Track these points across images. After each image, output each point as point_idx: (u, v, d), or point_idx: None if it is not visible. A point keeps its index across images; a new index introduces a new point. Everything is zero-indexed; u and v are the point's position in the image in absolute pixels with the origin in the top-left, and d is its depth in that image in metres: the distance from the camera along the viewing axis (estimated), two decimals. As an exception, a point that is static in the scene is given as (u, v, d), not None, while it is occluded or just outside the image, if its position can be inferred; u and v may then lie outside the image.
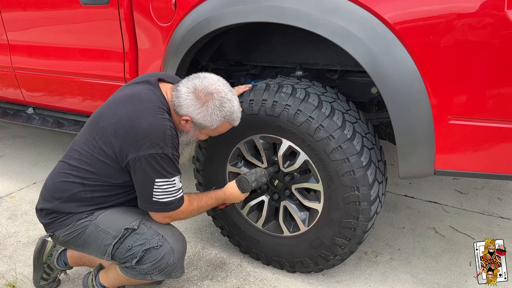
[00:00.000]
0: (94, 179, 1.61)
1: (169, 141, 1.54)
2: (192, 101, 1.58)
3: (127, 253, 1.61)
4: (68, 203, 1.63)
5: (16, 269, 2.12)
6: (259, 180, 1.84)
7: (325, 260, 1.91)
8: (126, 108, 1.58)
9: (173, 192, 1.59)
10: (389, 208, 2.68)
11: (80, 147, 1.64)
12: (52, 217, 1.65)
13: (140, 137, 1.51)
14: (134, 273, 1.64)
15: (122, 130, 1.54)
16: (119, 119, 1.56)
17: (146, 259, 1.61)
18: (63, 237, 1.66)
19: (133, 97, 1.61)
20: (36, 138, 4.03)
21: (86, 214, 1.64)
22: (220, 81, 1.63)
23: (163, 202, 1.58)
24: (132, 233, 1.61)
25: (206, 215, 2.22)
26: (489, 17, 1.36)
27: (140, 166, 1.53)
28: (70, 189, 1.62)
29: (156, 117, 1.55)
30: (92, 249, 1.67)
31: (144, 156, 1.51)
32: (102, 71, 2.37)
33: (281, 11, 1.65)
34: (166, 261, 1.61)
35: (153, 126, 1.52)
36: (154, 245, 1.60)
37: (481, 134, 1.50)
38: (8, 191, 3.00)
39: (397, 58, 1.49)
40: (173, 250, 1.62)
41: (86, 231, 1.63)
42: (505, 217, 2.56)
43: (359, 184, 1.69)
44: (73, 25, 2.36)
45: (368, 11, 1.51)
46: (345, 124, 1.70)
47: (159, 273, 1.63)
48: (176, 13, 1.94)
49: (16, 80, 2.81)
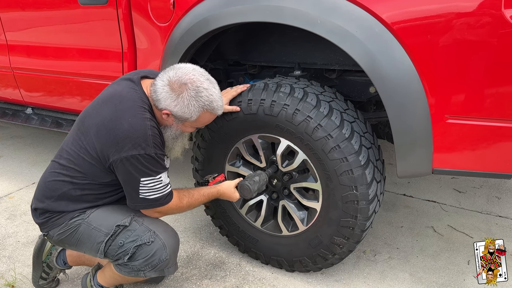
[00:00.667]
0: (82, 177, 1.62)
1: (151, 141, 1.53)
2: (168, 94, 1.55)
3: (119, 250, 1.61)
4: (59, 202, 1.64)
5: (15, 269, 2.13)
6: (261, 188, 1.86)
7: (323, 259, 1.92)
8: (108, 108, 1.57)
9: (160, 189, 1.59)
10: (387, 207, 2.68)
11: (68, 146, 1.65)
12: (46, 217, 1.67)
13: (121, 139, 1.50)
14: (128, 270, 1.64)
15: (104, 131, 1.54)
16: (101, 119, 1.56)
17: (138, 256, 1.61)
18: (57, 236, 1.67)
19: (114, 96, 1.60)
20: (35, 138, 4.03)
21: (78, 212, 1.65)
22: (195, 71, 1.57)
23: (151, 198, 1.59)
24: (123, 230, 1.62)
25: (205, 214, 2.22)
26: (486, 17, 1.36)
27: (123, 167, 1.53)
28: (60, 187, 1.63)
29: (137, 117, 1.53)
30: (85, 247, 1.67)
31: (126, 157, 1.51)
32: (100, 71, 2.37)
33: (279, 11, 1.65)
34: (158, 257, 1.62)
35: (133, 127, 1.51)
36: (146, 241, 1.60)
37: (478, 133, 1.50)
38: (7, 191, 3.00)
39: (395, 57, 1.49)
40: (165, 246, 1.62)
41: (79, 229, 1.64)
42: (503, 216, 2.56)
43: (358, 183, 1.70)
44: (72, 25, 2.36)
45: (366, 11, 1.51)
46: (343, 124, 1.70)
47: (151, 270, 1.63)
48: (175, 13, 1.94)
49: (15, 80, 2.81)
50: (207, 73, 1.62)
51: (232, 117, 1.88)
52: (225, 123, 1.91)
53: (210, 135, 1.98)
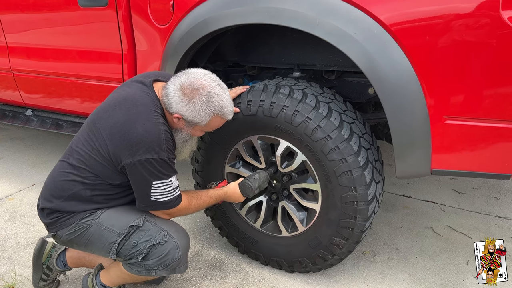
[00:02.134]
0: (94, 178, 1.63)
1: (164, 145, 1.55)
2: (179, 98, 1.57)
3: (133, 250, 1.63)
4: (69, 202, 1.64)
5: (15, 271, 2.13)
6: (262, 186, 1.89)
7: (323, 260, 1.92)
8: (121, 111, 1.59)
9: (171, 192, 1.61)
10: (387, 208, 2.69)
11: (79, 147, 1.66)
12: (54, 217, 1.67)
13: (135, 142, 1.52)
14: (139, 269, 1.65)
15: (117, 135, 1.56)
16: (114, 123, 1.58)
17: (152, 255, 1.63)
18: (66, 237, 1.68)
19: (127, 99, 1.61)
20: (35, 140, 4.03)
21: (89, 213, 1.65)
22: (207, 76, 1.61)
23: (161, 201, 1.61)
24: (137, 230, 1.63)
25: (205, 215, 2.23)
26: (484, 18, 1.37)
27: (137, 170, 1.55)
28: (71, 188, 1.64)
29: (151, 121, 1.56)
30: (95, 247, 1.68)
31: (139, 161, 1.53)
32: (100, 73, 2.38)
33: (278, 13, 1.66)
34: (172, 257, 1.64)
35: (148, 131, 1.53)
36: (160, 241, 1.62)
37: (477, 133, 1.51)
38: (7, 192, 3.01)
39: (393, 58, 1.50)
40: (178, 246, 1.65)
41: (90, 230, 1.65)
42: (502, 217, 2.57)
43: (357, 184, 1.70)
44: (71, 27, 2.36)
45: (364, 12, 1.52)
46: (342, 125, 1.71)
47: (164, 269, 1.65)
48: (174, 14, 1.95)
49: (15, 82, 2.81)
50: (218, 78, 1.65)
51: (232, 119, 1.88)
52: (224, 124, 1.91)
53: (209, 136, 1.99)
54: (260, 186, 1.87)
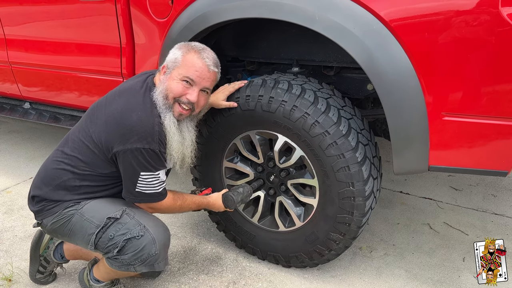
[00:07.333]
0: (83, 167, 1.65)
1: (157, 137, 1.57)
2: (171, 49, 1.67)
3: (109, 243, 1.62)
4: (57, 191, 1.66)
5: (12, 263, 2.13)
6: (244, 200, 1.90)
7: (320, 255, 1.93)
8: (120, 100, 1.63)
9: (156, 185, 1.63)
10: (384, 204, 2.69)
11: (74, 134, 1.69)
12: (41, 205, 1.69)
13: (128, 130, 1.55)
14: (118, 264, 1.65)
15: (113, 121, 1.58)
16: (111, 111, 1.61)
17: (127, 249, 1.61)
18: (50, 226, 1.69)
19: (129, 90, 1.66)
20: (33, 133, 4.02)
21: (73, 203, 1.66)
22: None
23: (146, 193, 1.63)
24: (114, 223, 1.63)
25: (202, 210, 2.23)
26: (484, 15, 1.37)
27: (127, 158, 1.57)
28: (60, 176, 1.66)
29: (146, 112, 1.58)
30: (77, 238, 1.69)
31: (130, 149, 1.55)
32: (99, 66, 2.37)
33: (277, 7, 1.66)
34: (148, 252, 1.61)
35: (142, 121, 1.56)
36: (135, 235, 1.61)
37: (475, 130, 1.51)
38: (5, 185, 3.00)
39: (392, 54, 1.50)
40: (154, 241, 1.62)
41: (72, 220, 1.66)
42: (499, 214, 2.58)
43: (354, 180, 1.70)
44: (70, 19, 2.35)
45: (364, 8, 1.52)
46: (340, 120, 1.71)
47: (141, 264, 1.63)
48: (173, 8, 1.94)
49: (13, 74, 2.80)
50: None
51: (230, 113, 1.88)
52: (222, 119, 1.92)
53: (207, 130, 1.98)
54: (242, 200, 1.89)
